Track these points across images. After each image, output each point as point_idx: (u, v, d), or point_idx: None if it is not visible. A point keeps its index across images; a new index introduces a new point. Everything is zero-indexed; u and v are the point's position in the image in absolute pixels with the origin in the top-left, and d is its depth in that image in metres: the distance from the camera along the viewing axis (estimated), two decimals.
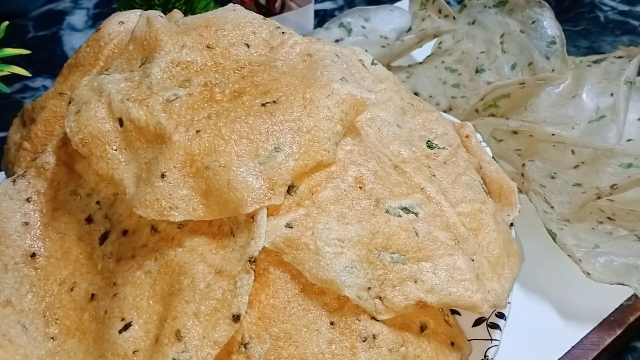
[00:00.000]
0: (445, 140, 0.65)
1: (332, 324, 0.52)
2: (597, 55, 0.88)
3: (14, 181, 0.62)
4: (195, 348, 0.49)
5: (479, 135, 0.79)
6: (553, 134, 0.78)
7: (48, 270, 0.58)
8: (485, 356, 0.58)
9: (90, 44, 0.70)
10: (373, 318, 0.52)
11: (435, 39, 1.01)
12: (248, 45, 0.63)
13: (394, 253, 0.53)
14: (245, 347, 0.51)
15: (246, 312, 0.51)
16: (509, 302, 0.63)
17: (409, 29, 1.03)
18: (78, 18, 1.33)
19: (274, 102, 0.56)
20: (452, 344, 0.56)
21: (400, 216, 0.55)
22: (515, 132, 0.84)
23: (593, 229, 0.70)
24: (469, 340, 0.60)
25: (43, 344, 0.55)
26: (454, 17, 0.96)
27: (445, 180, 0.61)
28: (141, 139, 0.56)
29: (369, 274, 0.52)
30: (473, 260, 0.55)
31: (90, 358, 0.52)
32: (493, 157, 0.76)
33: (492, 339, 0.59)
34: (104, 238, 0.58)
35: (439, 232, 0.55)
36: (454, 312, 0.62)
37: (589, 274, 0.65)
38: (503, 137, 0.84)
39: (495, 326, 0.60)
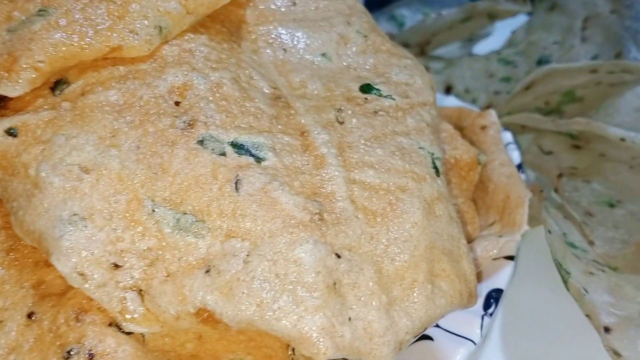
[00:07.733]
0: (399, 90, 0.39)
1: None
2: None
3: None
4: None
5: (507, 134, 0.52)
6: (623, 139, 0.49)
7: None
8: None
9: None
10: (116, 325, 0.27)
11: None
12: None
13: (185, 214, 0.29)
14: None
15: None
16: None
17: None
18: None
19: None
20: None
21: (222, 154, 0.30)
22: (577, 147, 0.55)
23: None
24: None
25: None
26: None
27: (359, 133, 0.35)
28: None
29: (125, 239, 0.28)
30: (339, 257, 0.28)
31: None
32: (520, 165, 0.49)
33: None
34: None
35: (288, 196, 0.29)
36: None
37: (618, 355, 0.34)
38: (555, 150, 0.55)
39: None
